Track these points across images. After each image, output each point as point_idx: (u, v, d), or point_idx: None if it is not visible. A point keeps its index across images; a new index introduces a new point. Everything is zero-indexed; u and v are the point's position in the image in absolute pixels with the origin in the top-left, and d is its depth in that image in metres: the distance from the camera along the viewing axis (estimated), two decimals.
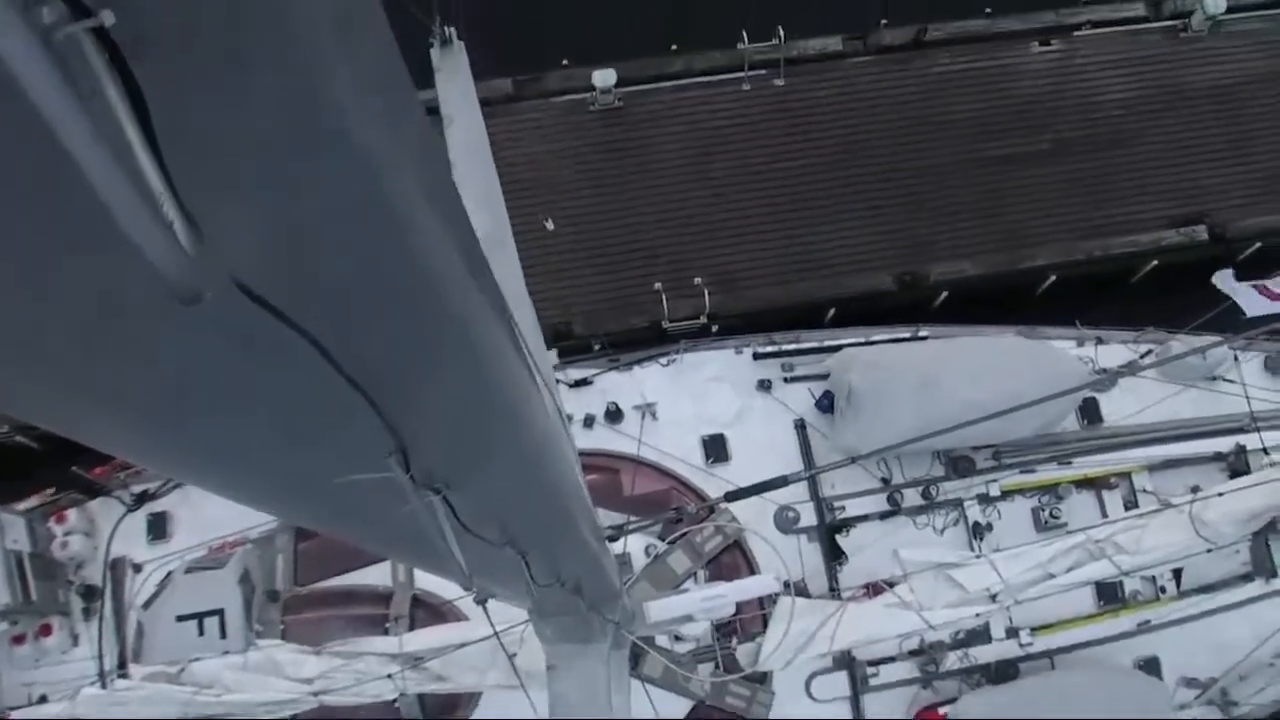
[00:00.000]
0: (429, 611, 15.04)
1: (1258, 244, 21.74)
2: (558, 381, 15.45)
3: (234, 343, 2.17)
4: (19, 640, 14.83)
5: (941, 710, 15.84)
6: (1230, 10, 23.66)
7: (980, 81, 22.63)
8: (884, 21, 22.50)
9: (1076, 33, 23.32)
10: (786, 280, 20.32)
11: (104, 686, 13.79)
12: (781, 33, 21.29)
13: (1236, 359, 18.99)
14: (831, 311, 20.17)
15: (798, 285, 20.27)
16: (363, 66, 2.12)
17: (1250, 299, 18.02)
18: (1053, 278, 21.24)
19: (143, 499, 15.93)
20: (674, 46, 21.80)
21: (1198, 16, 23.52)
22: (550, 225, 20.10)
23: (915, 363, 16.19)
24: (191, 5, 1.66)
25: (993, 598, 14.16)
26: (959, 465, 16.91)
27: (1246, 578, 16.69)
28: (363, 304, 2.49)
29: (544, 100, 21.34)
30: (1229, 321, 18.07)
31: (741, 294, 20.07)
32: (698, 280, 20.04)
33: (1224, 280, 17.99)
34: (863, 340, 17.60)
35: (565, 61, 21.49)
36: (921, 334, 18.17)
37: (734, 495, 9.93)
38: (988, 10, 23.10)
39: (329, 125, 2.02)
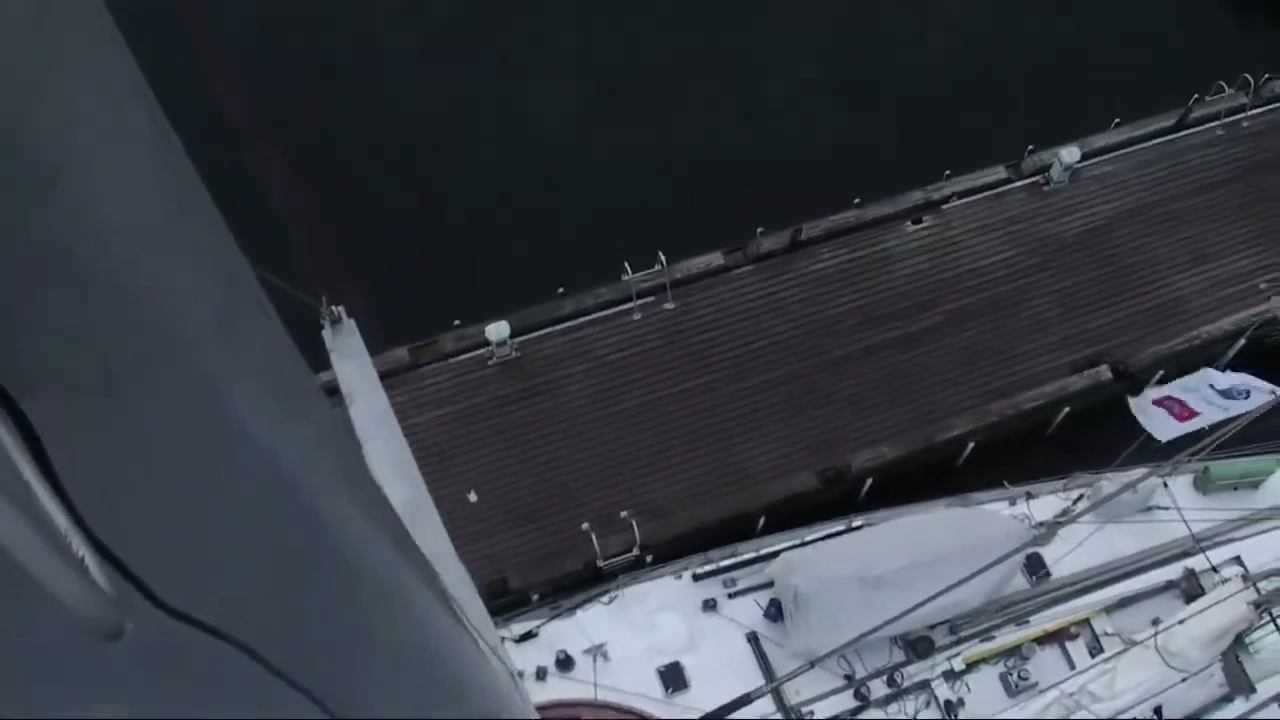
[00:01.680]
0: None
1: (1160, 372, 24.41)
2: (503, 639, 16.95)
3: (165, 669, 2.22)
4: None
5: None
6: (1084, 158, 27.26)
7: (862, 270, 25.51)
8: (760, 229, 25.43)
9: (945, 206, 26.56)
10: (712, 498, 22.28)
11: None
12: (663, 258, 24.02)
13: (1166, 485, 21.26)
14: (762, 520, 22.06)
15: (724, 500, 22.24)
16: (253, 369, 2.31)
17: (1161, 424, 20.43)
18: (972, 445, 23.53)
19: None
20: (561, 289, 24.37)
21: (1056, 169, 26.94)
22: (474, 497, 22.01)
23: (855, 555, 18.02)
24: (72, 348, 1.78)
25: None
26: (918, 647, 18.53)
27: (1227, 699, 18.28)
28: (292, 601, 2.60)
29: (442, 363, 23.57)
30: (1151, 451, 20.43)
31: (670, 520, 21.93)
32: (624, 514, 21.89)
33: (1134, 408, 20.48)
34: (799, 542, 19.45)
35: (457, 322, 23.84)
36: (856, 524, 20.10)
37: None
38: (856, 201, 26.26)
39: (229, 435, 2.18)
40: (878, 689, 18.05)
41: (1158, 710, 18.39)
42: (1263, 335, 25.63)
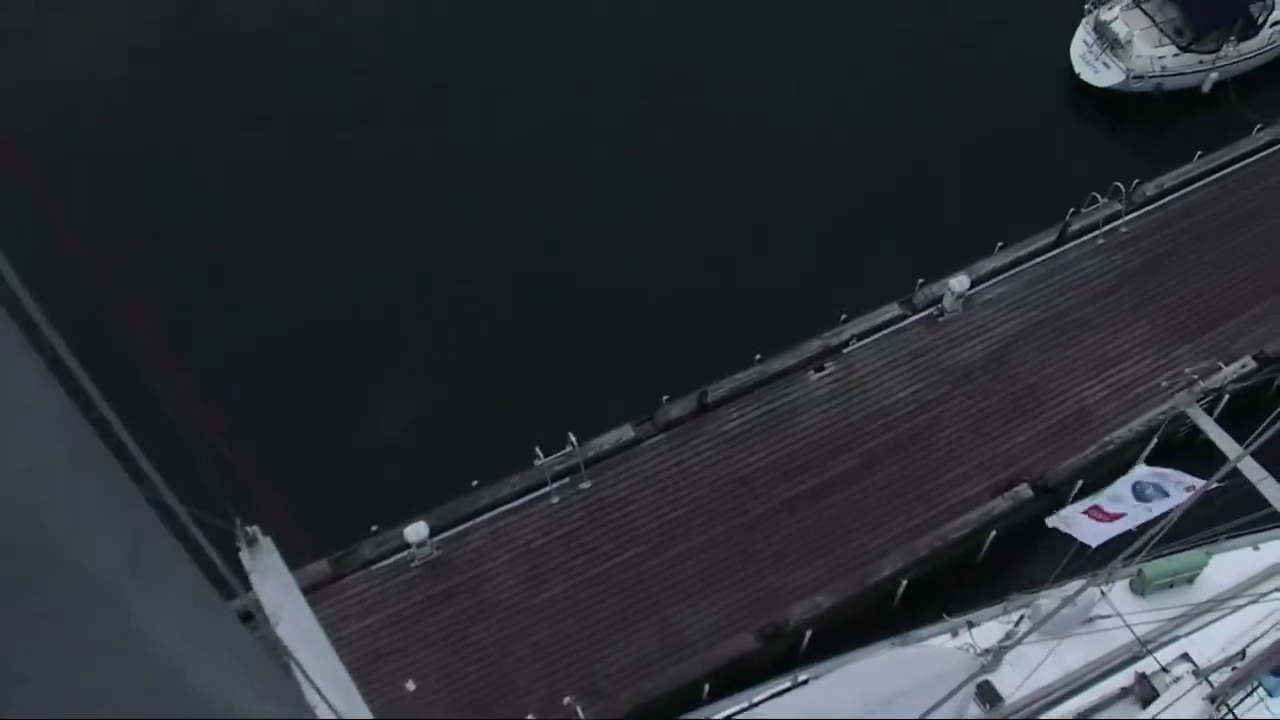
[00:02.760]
0: None
1: (1080, 483, 26.39)
2: None
3: None
4: None
5: None
6: (974, 284, 29.71)
7: (771, 425, 27.33)
8: (665, 397, 27.26)
9: (845, 350, 28.66)
10: (654, 672, 23.42)
11: None
12: (573, 438, 25.65)
13: (1104, 594, 22.95)
14: (707, 687, 23.24)
15: (666, 673, 23.39)
16: (166, 604, 2.49)
17: (1087, 530, 22.20)
18: (905, 582, 25.10)
19: None
20: (475, 482, 25.80)
21: (948, 299, 29.28)
22: (411, 686, 23.00)
23: (807, 709, 19.29)
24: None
25: None
26: None
27: None
28: None
29: (364, 571, 24.70)
30: (1085, 560, 22.12)
31: (615, 699, 23.00)
32: (567, 700, 22.97)
33: (1059, 521, 22.26)
34: (747, 705, 20.67)
35: (374, 528, 25.11)
36: (802, 679, 21.40)
37: None
38: (758, 357, 28.27)
39: (147, 669, 2.38)
40: None
41: None
42: (1173, 432, 27.79)
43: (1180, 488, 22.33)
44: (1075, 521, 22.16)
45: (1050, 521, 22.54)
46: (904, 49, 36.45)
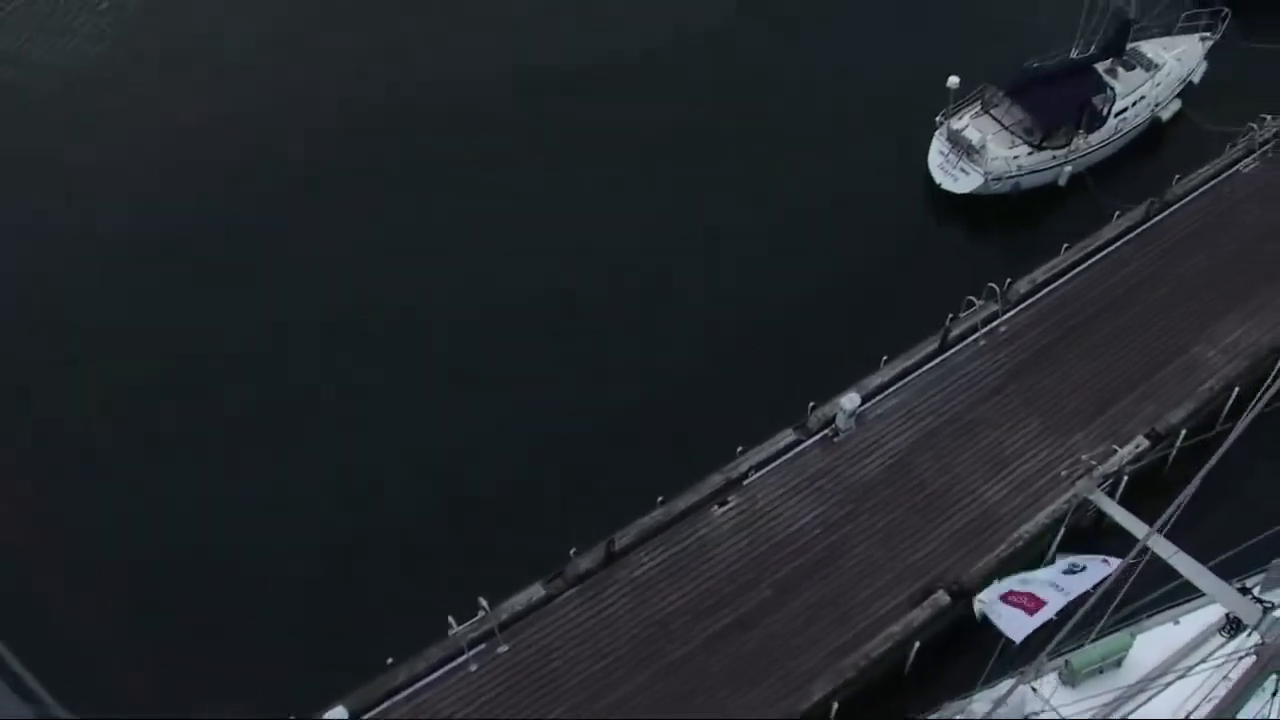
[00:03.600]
0: None
1: (995, 580, 28.00)
2: None
3: None
4: None
5: None
6: (865, 400, 31.59)
7: (682, 565, 28.46)
8: (573, 550, 28.46)
9: (746, 481, 30.21)
10: None
11: None
12: (485, 603, 26.63)
13: (1035, 690, 24.37)
14: None
15: None
16: None
17: (1013, 623, 23.68)
18: (836, 704, 26.24)
19: None
20: (390, 660, 26.57)
21: (841, 418, 31.02)
22: None
23: None
24: None
25: None
26: None
27: None
28: None
29: None
30: (1012, 657, 23.54)
31: None
32: None
33: (984, 606, 23.74)
34: None
35: (292, 717, 25.56)
36: None
37: None
38: (660, 499, 29.68)
39: None
40: None
41: None
42: (1080, 518, 29.64)
43: (1095, 572, 24.03)
44: (1000, 612, 23.65)
45: (977, 606, 24.10)
46: (771, 181, 39.00)
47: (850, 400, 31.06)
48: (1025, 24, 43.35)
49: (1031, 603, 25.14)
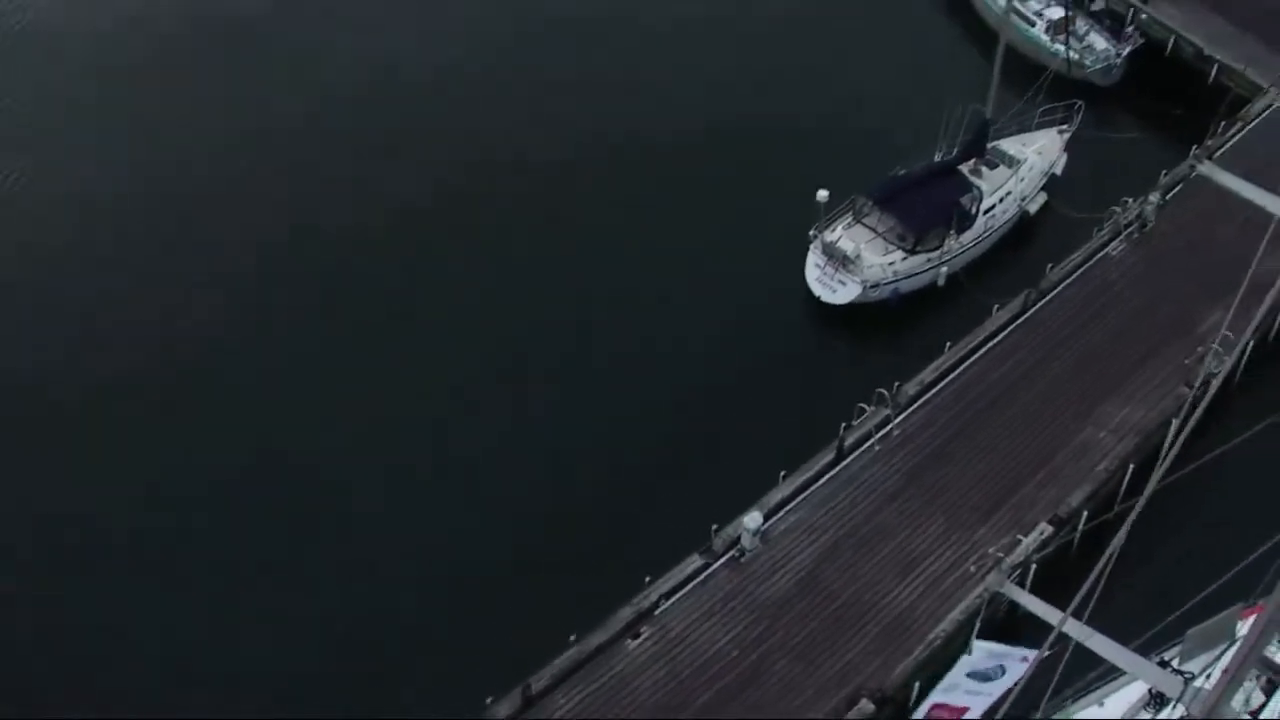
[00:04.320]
0: None
1: (917, 684, 29.27)
2: None
3: None
4: None
5: None
6: (768, 517, 32.93)
7: (602, 701, 29.09)
8: (489, 699, 29.11)
9: (657, 611, 31.28)
10: None
11: None
12: None
13: None
14: None
15: None
16: None
17: None
18: None
19: None
20: None
21: (746, 538, 32.17)
22: None
23: None
24: None
25: None
26: None
27: None
28: None
29: None
30: None
31: None
32: None
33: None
34: None
35: None
36: None
37: None
38: (572, 637, 30.55)
39: None
40: None
41: None
42: (994, 612, 31.14)
43: (1015, 663, 25.41)
44: None
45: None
46: (651, 304, 40.82)
47: (753, 519, 32.38)
48: (887, 132, 45.74)
49: (954, 710, 26.46)
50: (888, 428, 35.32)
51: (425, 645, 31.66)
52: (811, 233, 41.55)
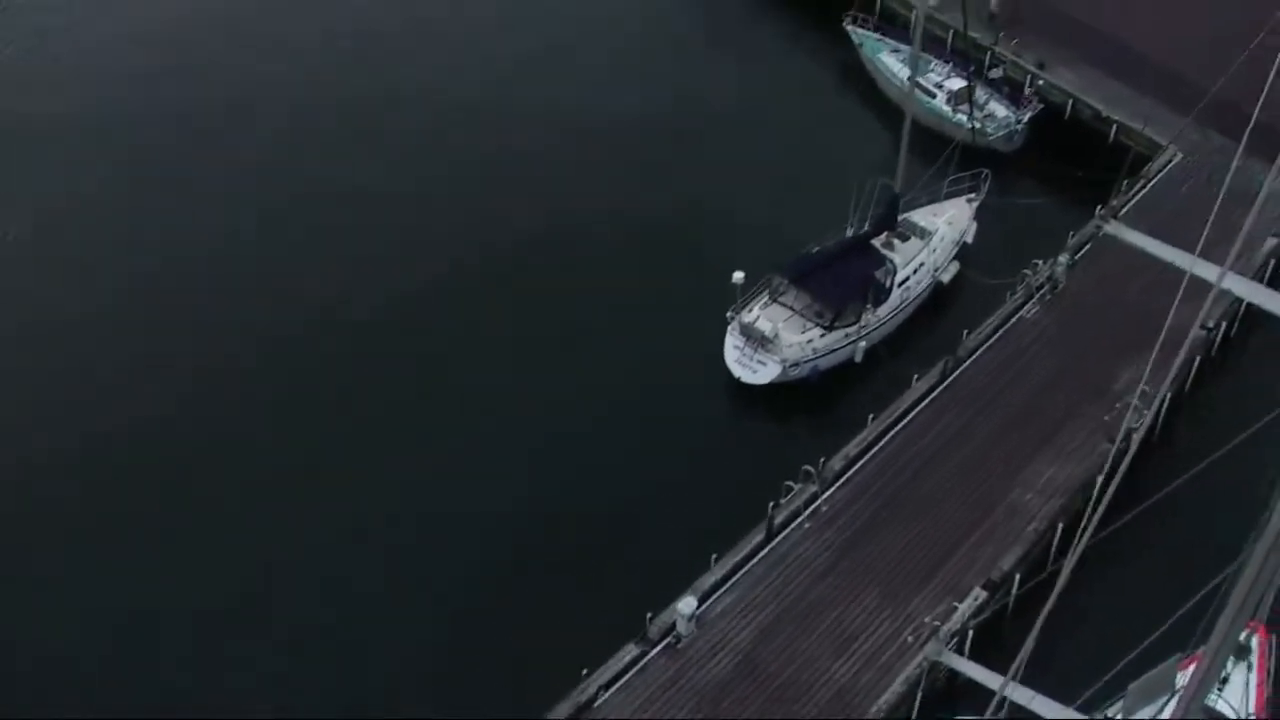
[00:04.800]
0: None
1: None
2: None
3: None
4: None
5: None
6: (701, 601, 32.78)
7: None
8: None
9: (596, 703, 30.54)
10: None
11: None
12: None
13: None
14: None
15: None
16: None
17: None
18: None
19: None
20: None
21: (681, 623, 31.73)
22: None
23: None
24: None
25: None
26: None
27: None
28: None
29: None
30: None
31: None
32: None
33: None
34: None
35: None
36: None
37: None
38: None
39: None
40: None
41: None
42: (935, 680, 31.17)
43: None
44: None
45: None
46: (573, 393, 40.72)
47: (687, 604, 32.20)
48: (799, 210, 46.28)
49: None
50: (816, 504, 35.41)
51: None
52: (729, 314, 41.80)
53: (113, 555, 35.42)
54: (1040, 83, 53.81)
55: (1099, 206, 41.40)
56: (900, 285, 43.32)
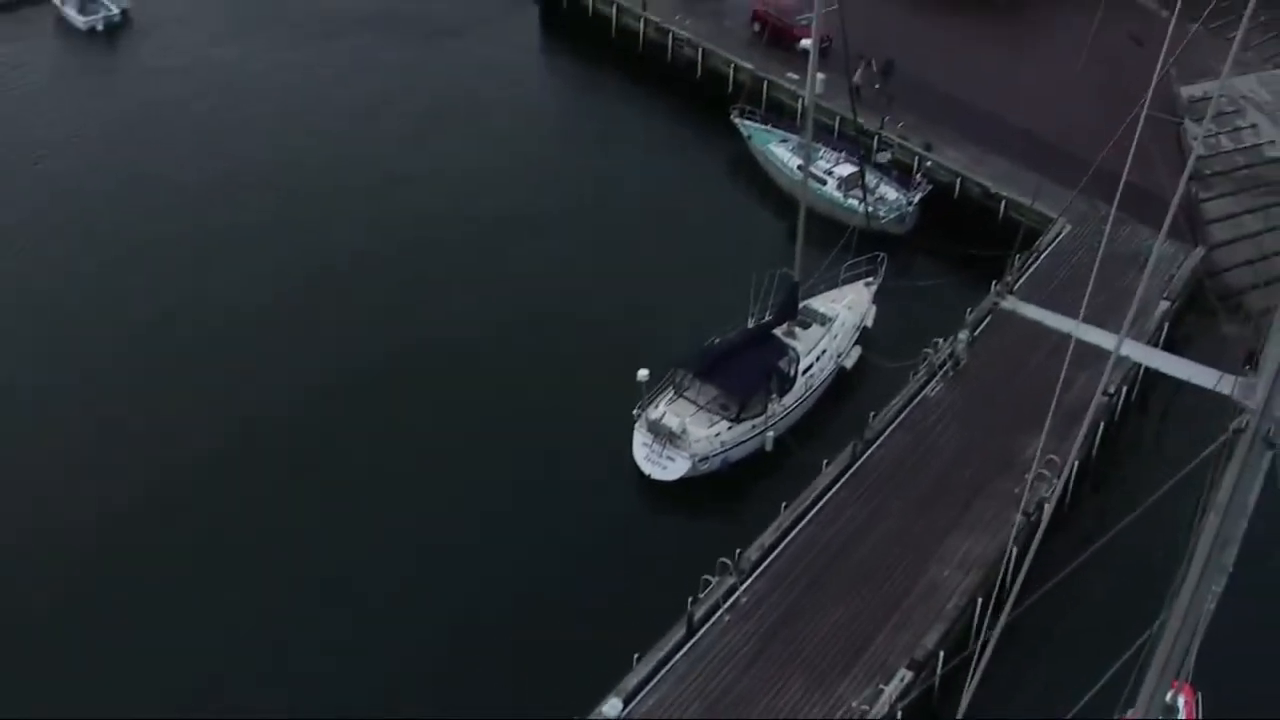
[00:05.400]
0: None
1: None
2: None
3: None
4: None
5: None
6: (626, 703, 32.44)
7: None
8: None
9: None
10: None
11: None
12: None
13: None
14: None
15: None
16: None
17: None
18: None
19: None
20: None
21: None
22: None
23: None
24: None
25: None
26: None
27: None
28: None
29: None
30: None
31: None
32: None
33: None
34: None
35: None
36: None
37: None
38: None
39: None
40: None
41: None
42: None
43: None
44: None
45: None
46: (480, 500, 40.50)
47: (612, 707, 31.87)
48: (700, 304, 46.91)
49: None
50: (735, 595, 35.30)
51: None
52: (635, 411, 41.96)
53: None
54: (928, 164, 55.13)
55: (994, 282, 42.22)
56: (804, 373, 43.76)
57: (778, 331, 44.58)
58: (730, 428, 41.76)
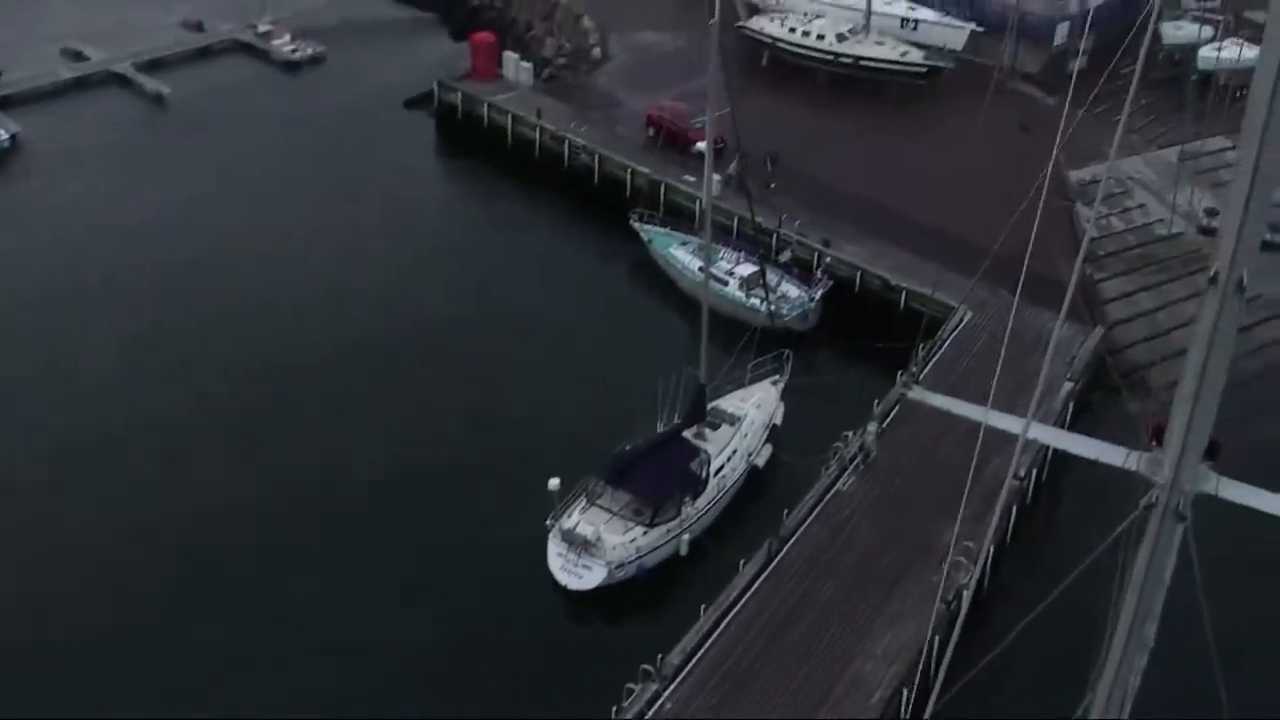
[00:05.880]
0: None
1: None
2: None
3: None
4: None
5: None
6: None
7: None
8: None
9: None
10: None
11: None
12: None
13: None
14: None
15: None
16: None
17: None
18: None
19: None
20: None
21: None
22: None
23: None
24: None
25: None
26: None
27: None
28: None
29: None
30: None
31: None
32: None
33: None
34: None
35: None
36: None
37: None
38: None
39: None
40: None
41: None
42: None
43: None
44: None
45: None
46: (396, 629, 39.67)
47: None
48: (608, 411, 46.89)
49: None
50: (659, 701, 34.92)
51: None
52: (549, 522, 41.71)
53: None
54: (828, 259, 55.86)
55: (900, 373, 42.67)
56: (716, 474, 43.84)
57: (688, 434, 44.60)
58: (645, 533, 41.64)
